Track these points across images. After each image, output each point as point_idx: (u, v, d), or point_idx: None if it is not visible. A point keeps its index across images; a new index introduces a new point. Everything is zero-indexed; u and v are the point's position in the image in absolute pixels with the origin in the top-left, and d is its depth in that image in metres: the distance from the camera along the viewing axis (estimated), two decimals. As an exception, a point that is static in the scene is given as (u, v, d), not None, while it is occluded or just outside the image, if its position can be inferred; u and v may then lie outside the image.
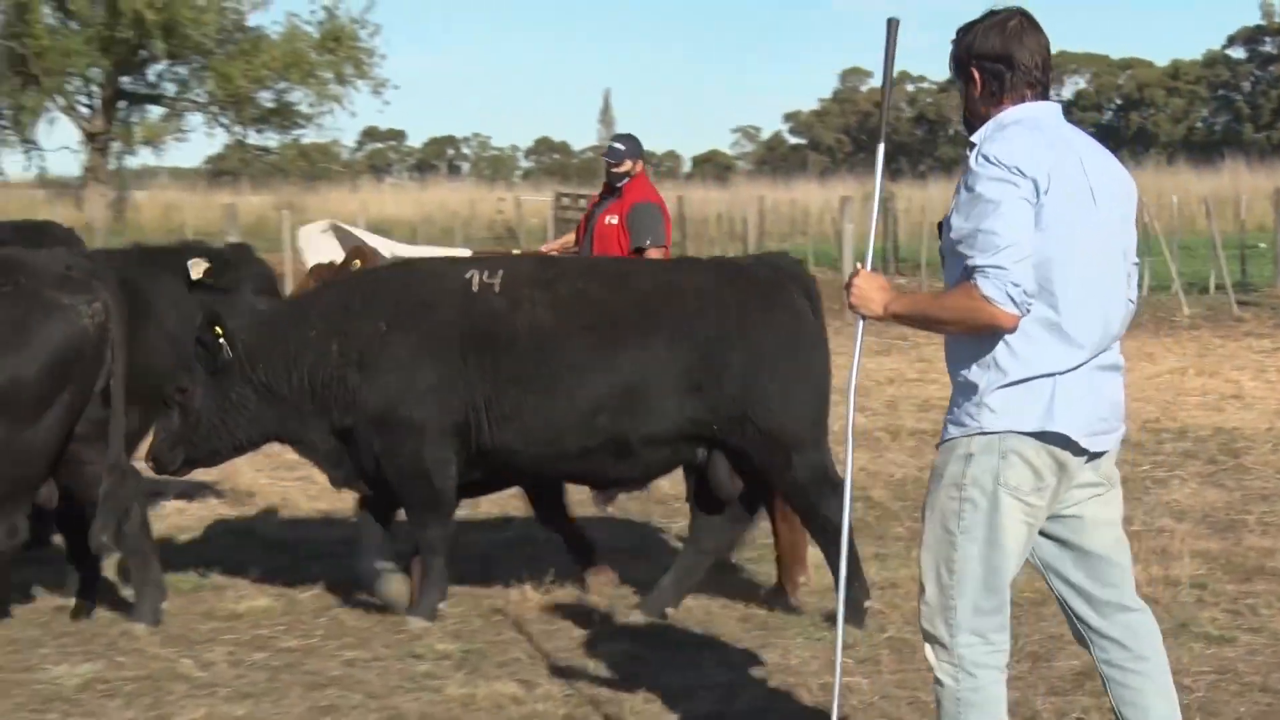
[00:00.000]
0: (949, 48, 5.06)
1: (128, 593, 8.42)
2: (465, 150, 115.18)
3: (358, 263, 8.94)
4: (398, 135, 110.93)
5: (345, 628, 8.05)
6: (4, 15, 50.52)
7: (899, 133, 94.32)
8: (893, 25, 5.03)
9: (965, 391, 4.84)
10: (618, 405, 8.15)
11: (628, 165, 11.30)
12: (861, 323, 5.10)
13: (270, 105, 55.18)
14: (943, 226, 4.92)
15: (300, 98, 54.94)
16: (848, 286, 5.00)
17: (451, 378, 8.10)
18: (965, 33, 4.97)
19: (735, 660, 7.43)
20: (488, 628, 8.03)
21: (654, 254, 10.97)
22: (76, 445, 7.88)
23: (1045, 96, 4.98)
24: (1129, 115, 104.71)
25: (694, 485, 8.71)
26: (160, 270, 9.03)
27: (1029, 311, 4.62)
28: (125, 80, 54.01)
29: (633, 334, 8.30)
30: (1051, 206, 4.66)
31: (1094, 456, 4.88)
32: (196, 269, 8.90)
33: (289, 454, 9.53)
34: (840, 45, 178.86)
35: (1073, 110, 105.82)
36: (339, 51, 52.54)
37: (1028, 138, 4.78)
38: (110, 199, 52.35)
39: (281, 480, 11.52)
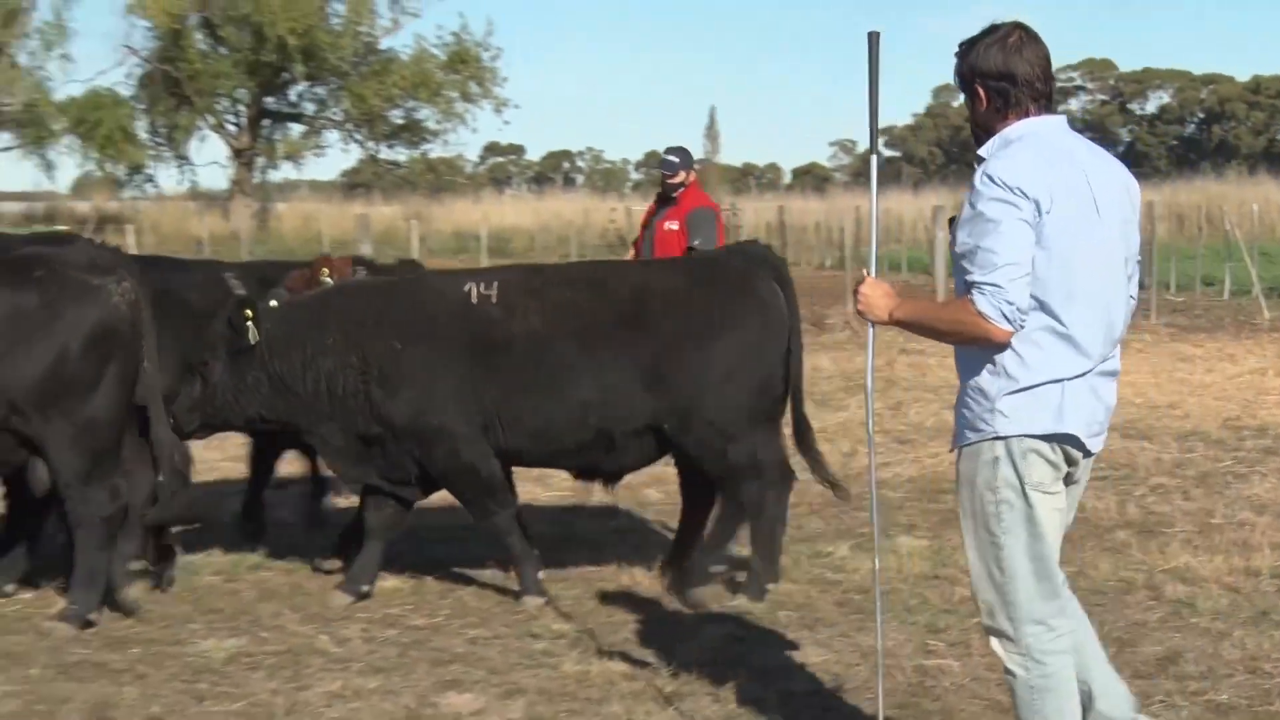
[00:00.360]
0: (953, 64, 4.96)
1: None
2: (580, 163, 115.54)
3: (326, 271, 8.90)
4: (517, 150, 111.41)
5: (468, 608, 8.05)
6: (160, 42, 51.14)
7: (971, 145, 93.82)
8: (873, 38, 4.95)
9: (977, 397, 4.79)
10: (601, 402, 8.17)
11: (682, 176, 11.39)
12: (872, 328, 5.04)
13: (400, 122, 55.54)
14: (952, 224, 4.91)
15: (428, 115, 55.33)
16: (855, 293, 4.95)
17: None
18: (968, 51, 4.87)
19: (832, 642, 7.34)
20: (600, 609, 8.01)
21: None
22: None
23: (1050, 108, 4.89)
24: (1211, 129, 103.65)
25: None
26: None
27: (1022, 327, 4.59)
28: (269, 100, 54.55)
29: (609, 334, 8.29)
30: (1054, 223, 4.59)
31: (1089, 455, 4.88)
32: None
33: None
34: (932, 63, 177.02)
35: (1156, 124, 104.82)
36: (464, 72, 52.79)
37: (1031, 156, 4.70)
38: (254, 210, 52.82)
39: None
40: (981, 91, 4.83)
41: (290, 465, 10.24)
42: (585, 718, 6.37)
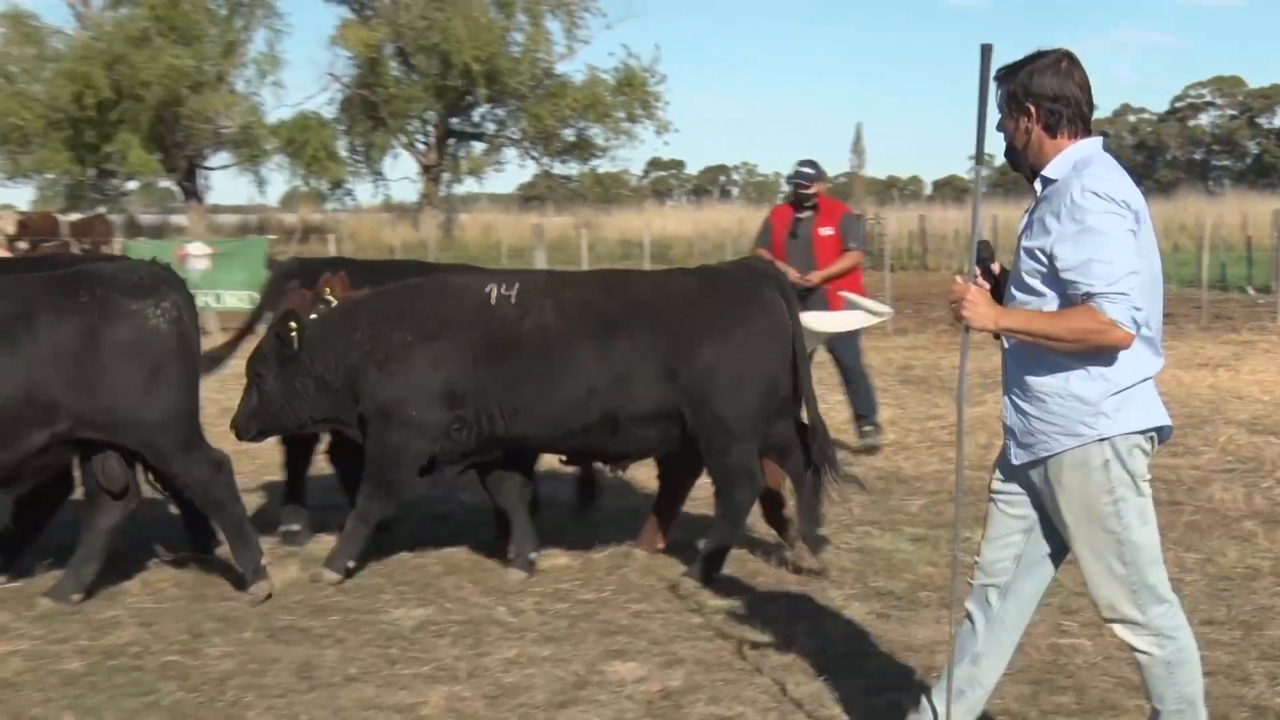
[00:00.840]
0: (1001, 87, 4.85)
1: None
2: (735, 176, 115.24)
3: (328, 289, 8.86)
4: (678, 164, 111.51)
5: (632, 584, 8.05)
6: (359, 70, 51.88)
7: (1120, 158, 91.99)
8: (986, 51, 4.84)
9: (1072, 403, 4.66)
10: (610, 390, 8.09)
11: (816, 186, 11.88)
12: (968, 333, 4.87)
13: (572, 140, 55.84)
14: (983, 245, 5.06)
15: (597, 134, 55.54)
16: (956, 300, 4.74)
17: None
18: (1017, 72, 4.77)
19: (859, 639, 7.14)
20: (753, 588, 7.98)
21: (854, 254, 11.78)
22: None
23: (1090, 130, 4.82)
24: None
25: None
26: None
27: (1140, 330, 4.54)
28: (454, 121, 55.09)
29: (625, 332, 8.20)
30: (1142, 234, 4.60)
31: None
32: None
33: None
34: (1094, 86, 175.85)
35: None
36: (631, 94, 52.94)
37: (1116, 173, 4.71)
38: (440, 220, 53.38)
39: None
40: (1034, 110, 4.73)
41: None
42: (739, 686, 6.35)
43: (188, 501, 8.25)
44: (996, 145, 4.96)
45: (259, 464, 10.55)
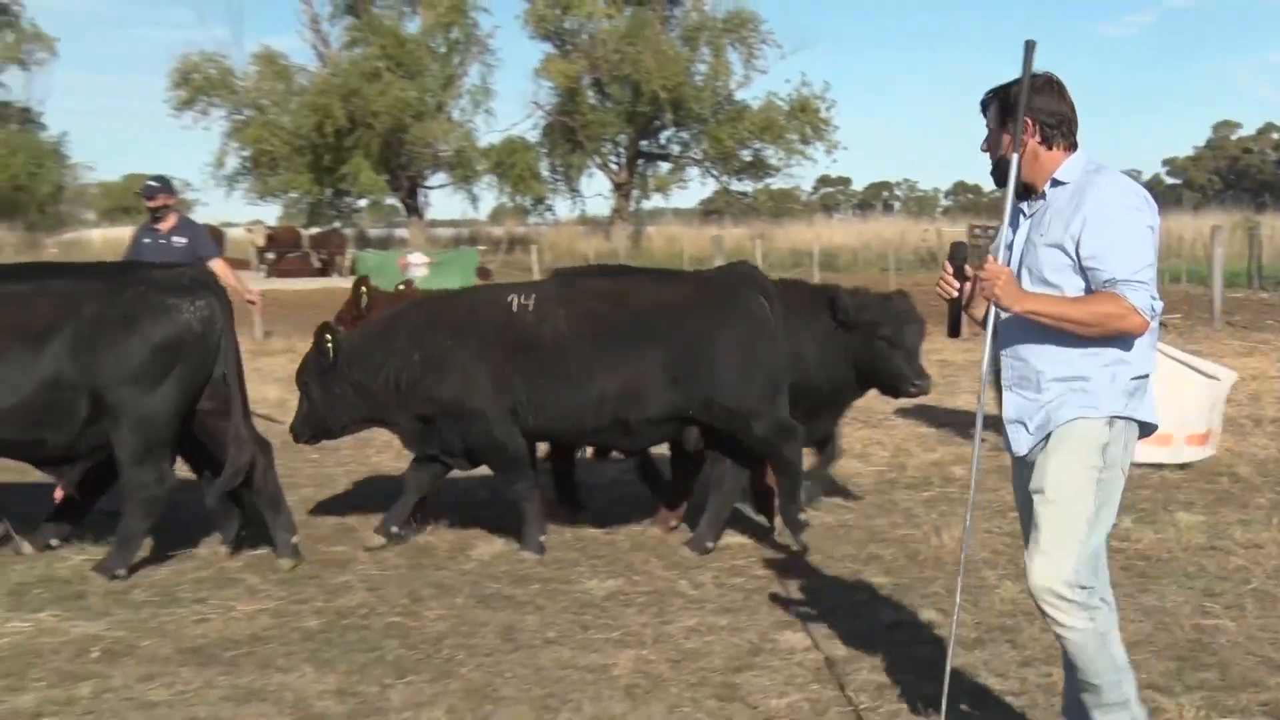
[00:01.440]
0: (995, 103, 4.69)
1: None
2: (897, 192, 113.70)
3: (364, 289, 8.83)
4: (844, 181, 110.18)
5: (800, 564, 8.01)
6: (559, 99, 52.32)
7: (1263, 173, 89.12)
8: (1029, 46, 4.68)
9: (1089, 385, 4.50)
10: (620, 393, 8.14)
11: None
12: (992, 314, 4.66)
13: (749, 159, 55.75)
14: (958, 246, 4.84)
15: (772, 154, 55.36)
16: (989, 279, 4.54)
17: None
18: (1007, 90, 4.62)
19: (1013, 616, 6.98)
20: (912, 566, 7.88)
21: None
22: (207, 417, 8.05)
23: (1076, 146, 4.67)
24: None
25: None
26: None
27: (1155, 319, 4.46)
28: (643, 143, 55.29)
29: (628, 338, 8.24)
30: (1155, 235, 4.51)
31: None
32: None
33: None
34: (1210, 100, 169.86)
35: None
36: (803, 119, 52.69)
37: (1127, 178, 4.60)
38: (630, 232, 53.62)
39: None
40: (1031, 123, 4.57)
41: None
42: (900, 658, 6.27)
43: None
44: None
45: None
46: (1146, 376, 4.55)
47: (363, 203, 53.47)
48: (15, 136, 51.72)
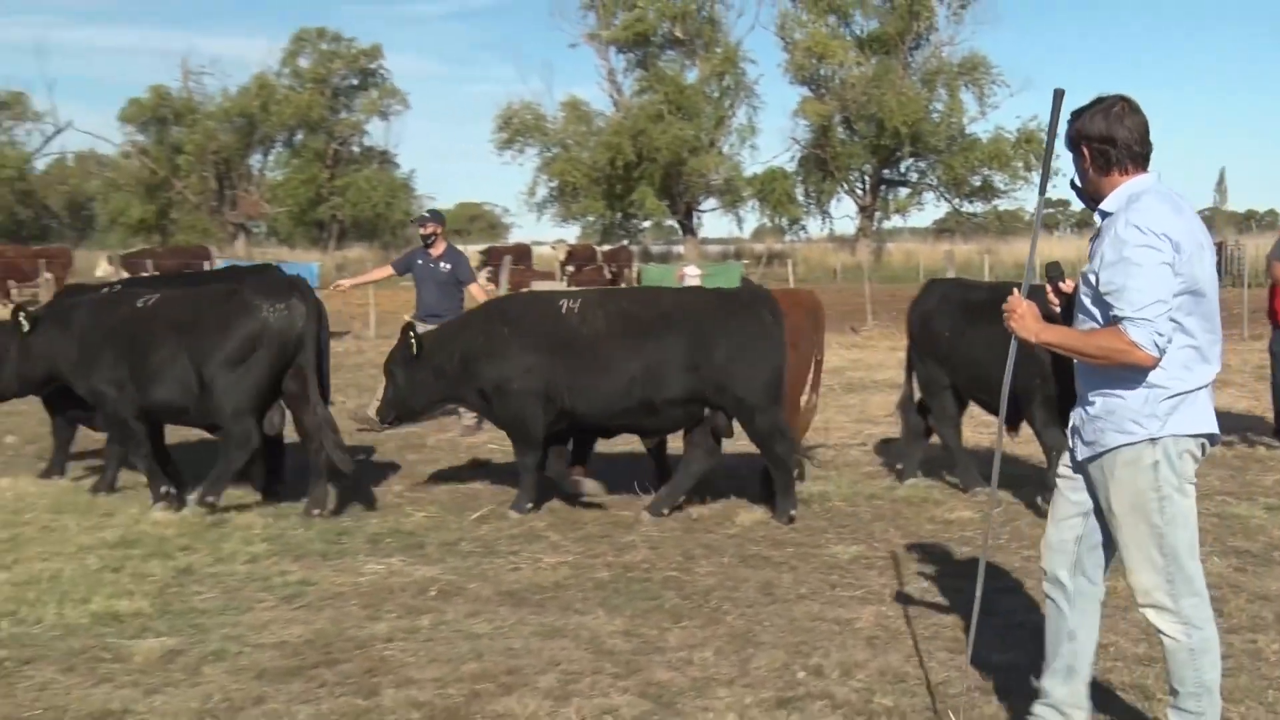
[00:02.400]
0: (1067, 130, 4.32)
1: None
2: None
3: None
4: (1064, 203, 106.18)
5: (1023, 534, 7.76)
6: (813, 134, 52.02)
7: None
8: (1058, 95, 4.33)
9: (1123, 408, 4.15)
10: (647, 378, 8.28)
11: None
12: (1015, 342, 4.35)
13: (978, 185, 54.56)
14: (1052, 266, 4.55)
15: (999, 180, 54.09)
16: (1009, 312, 4.25)
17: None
18: (1077, 118, 4.26)
19: (1220, 588, 6.52)
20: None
21: None
22: (290, 398, 8.45)
23: (1146, 167, 4.23)
24: None
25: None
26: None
27: (1164, 354, 4.01)
28: (885, 171, 54.58)
29: (656, 336, 8.35)
30: (1185, 261, 4.02)
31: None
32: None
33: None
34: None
35: None
36: (1029, 149, 51.17)
37: (1161, 207, 4.09)
38: (872, 248, 53.04)
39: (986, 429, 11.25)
40: (1086, 151, 4.22)
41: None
42: (1113, 620, 5.97)
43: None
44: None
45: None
46: (1187, 393, 4.14)
47: (646, 224, 54.28)
48: (375, 174, 54.13)
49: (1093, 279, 4.14)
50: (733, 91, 51.71)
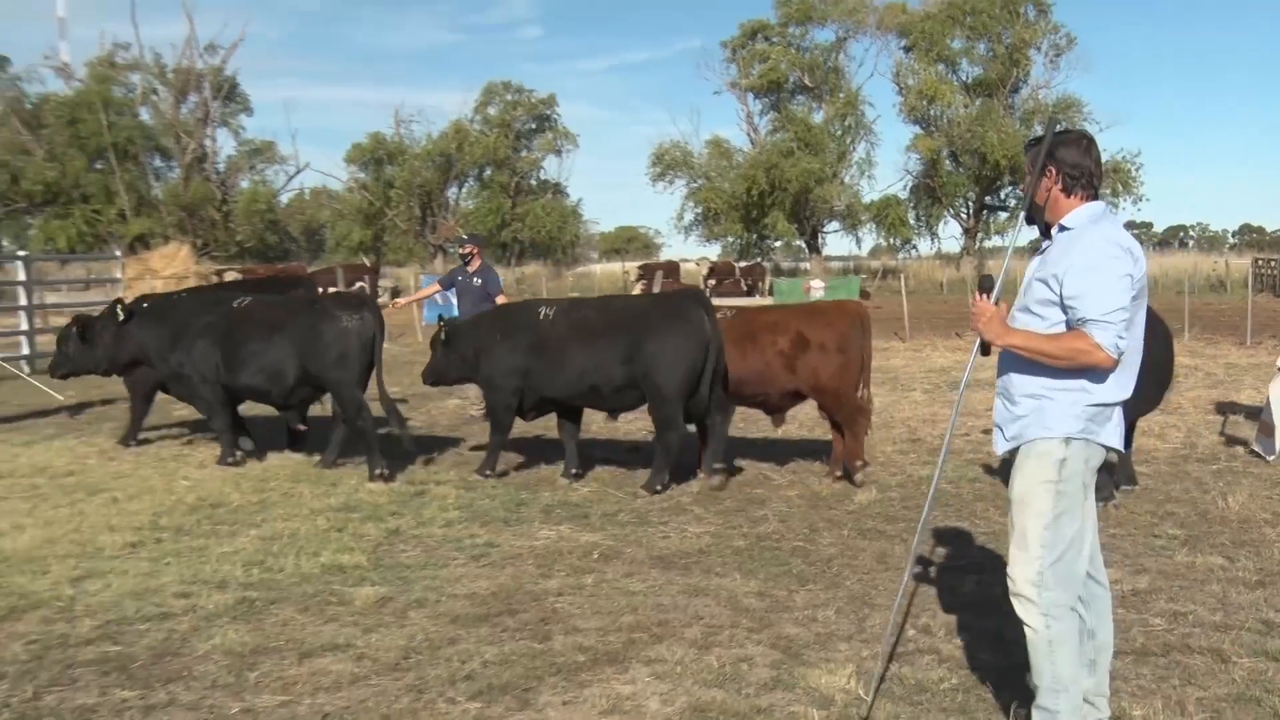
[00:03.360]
0: (1030, 152, 4.13)
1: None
2: (1192, 232, 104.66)
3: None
4: (1147, 224, 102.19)
5: (1108, 513, 7.53)
6: (923, 166, 51.02)
7: None
8: (1052, 122, 4.06)
9: (1050, 405, 3.91)
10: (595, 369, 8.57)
11: None
12: (979, 343, 4.08)
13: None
14: (985, 279, 4.10)
15: (1088, 205, 52.21)
16: (974, 314, 4.02)
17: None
18: (1039, 142, 4.05)
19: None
20: (1201, 522, 7.28)
21: None
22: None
23: (1097, 196, 4.01)
24: None
25: None
26: None
27: (1122, 355, 3.81)
28: (987, 198, 53.10)
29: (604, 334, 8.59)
30: (1136, 282, 3.84)
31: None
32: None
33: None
34: None
35: None
36: (1115, 178, 49.34)
37: (1121, 228, 3.93)
38: (974, 264, 51.72)
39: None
40: (1054, 172, 3.99)
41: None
42: (1192, 591, 5.84)
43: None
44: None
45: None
46: (1106, 405, 3.91)
47: (778, 243, 53.71)
48: (549, 203, 54.73)
49: (1054, 285, 3.89)
50: (853, 130, 50.87)
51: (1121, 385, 3.92)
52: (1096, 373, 3.86)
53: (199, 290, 12.23)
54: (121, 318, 9.65)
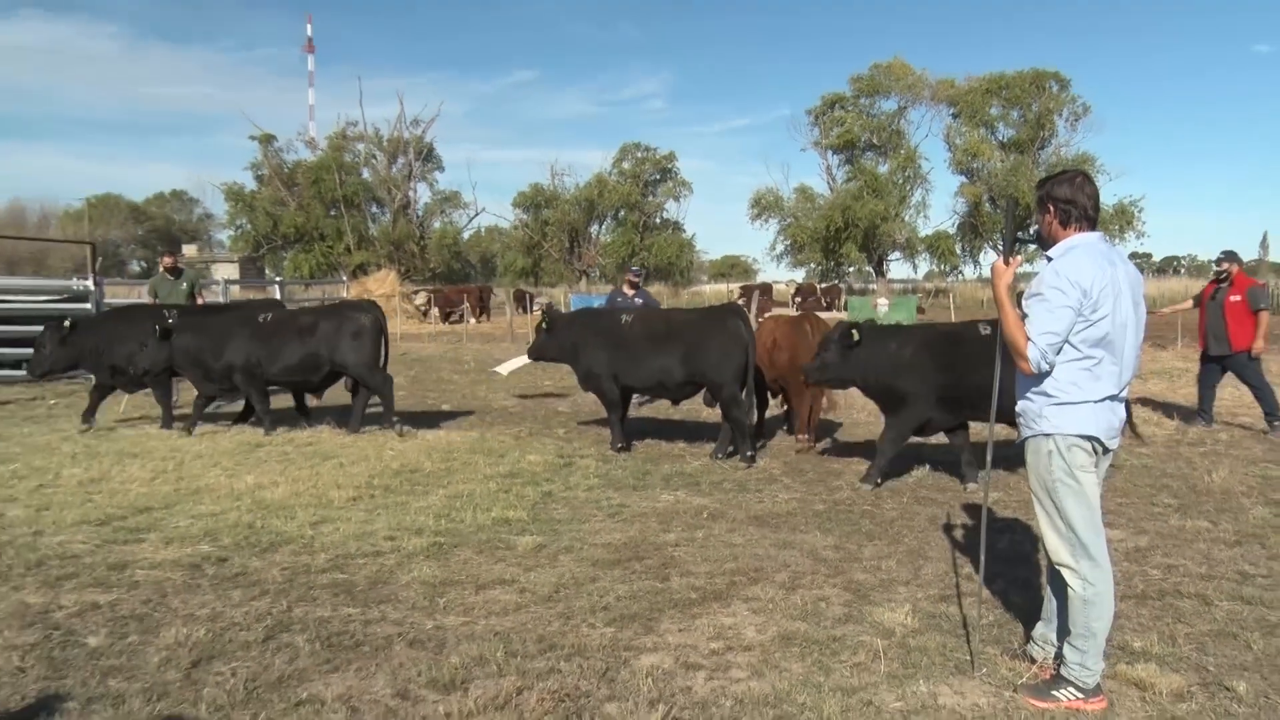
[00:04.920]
0: (1037, 192, 3.89)
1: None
2: (1184, 261, 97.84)
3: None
4: (1147, 255, 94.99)
5: (1114, 485, 7.18)
6: (969, 207, 49.45)
7: None
8: (1013, 203, 3.83)
9: (1031, 408, 3.77)
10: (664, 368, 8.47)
11: (1228, 267, 9.94)
12: (1000, 345, 3.91)
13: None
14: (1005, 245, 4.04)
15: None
16: (995, 269, 3.89)
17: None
18: (1044, 183, 3.84)
19: (1263, 529, 5.96)
20: (1191, 494, 6.89)
21: (1264, 315, 9.60)
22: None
23: (1094, 227, 3.77)
24: None
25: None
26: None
27: (1047, 370, 3.66)
28: (1019, 233, 51.11)
29: (667, 340, 8.48)
30: (1093, 303, 3.61)
31: (1108, 450, 3.76)
32: None
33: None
34: None
35: None
36: (1120, 219, 46.94)
37: (1086, 259, 3.64)
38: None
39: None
40: (1052, 209, 3.79)
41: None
42: (1181, 549, 5.51)
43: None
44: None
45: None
46: (1074, 403, 3.68)
47: (851, 269, 52.68)
48: (670, 237, 54.62)
49: (1025, 302, 3.80)
50: (911, 179, 49.53)
51: (1089, 388, 3.69)
52: (1052, 379, 3.71)
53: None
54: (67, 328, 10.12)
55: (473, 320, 35.14)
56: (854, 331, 7.60)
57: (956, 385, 7.21)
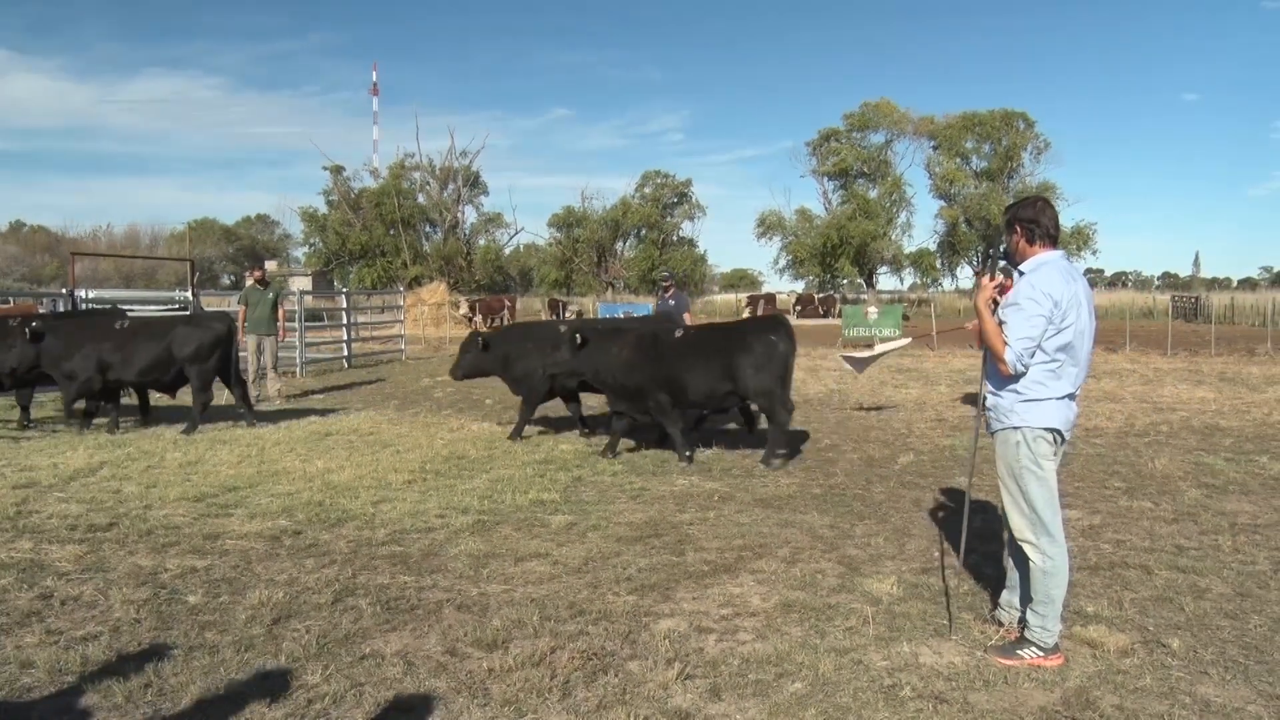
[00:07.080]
0: (1006, 215, 3.85)
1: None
2: (1130, 276, 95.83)
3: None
4: (1100, 270, 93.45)
5: (1073, 476, 7.10)
6: (947, 227, 49.01)
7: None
8: (993, 254, 3.77)
9: (1002, 404, 3.75)
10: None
11: None
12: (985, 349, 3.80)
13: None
14: (989, 262, 3.92)
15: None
16: (982, 285, 3.80)
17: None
18: (1012, 208, 3.83)
19: (1195, 509, 5.90)
20: (1138, 479, 6.78)
21: None
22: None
23: (1056, 245, 3.76)
24: None
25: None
26: None
27: (1023, 371, 3.64)
28: (990, 250, 50.71)
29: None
30: (1061, 313, 3.60)
31: (1065, 440, 3.76)
32: None
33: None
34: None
35: None
36: (1077, 240, 46.38)
37: (1056, 274, 3.64)
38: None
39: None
40: (1019, 229, 3.76)
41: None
42: (1128, 526, 5.38)
43: None
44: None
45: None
46: (1040, 400, 3.66)
47: (845, 281, 52.33)
48: (685, 253, 54.35)
49: (1001, 312, 3.76)
50: (897, 203, 49.06)
51: (1053, 386, 3.68)
52: (1023, 379, 3.69)
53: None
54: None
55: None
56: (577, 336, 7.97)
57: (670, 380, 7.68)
